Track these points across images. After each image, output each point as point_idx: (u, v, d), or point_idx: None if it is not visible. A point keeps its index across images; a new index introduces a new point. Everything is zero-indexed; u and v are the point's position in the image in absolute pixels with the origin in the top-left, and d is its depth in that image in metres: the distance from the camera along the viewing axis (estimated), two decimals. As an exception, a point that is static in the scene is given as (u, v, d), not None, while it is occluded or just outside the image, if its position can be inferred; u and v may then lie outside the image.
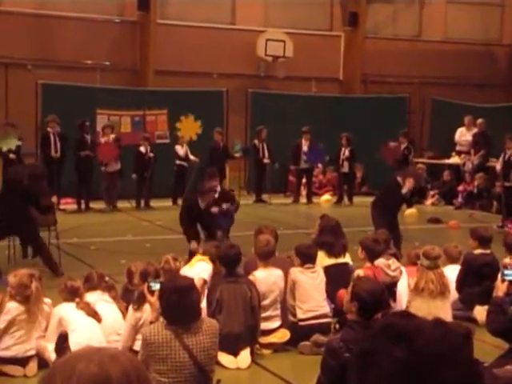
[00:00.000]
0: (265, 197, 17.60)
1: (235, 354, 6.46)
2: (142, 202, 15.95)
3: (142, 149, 15.92)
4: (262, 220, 14.25)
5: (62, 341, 6.08)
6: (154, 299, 5.81)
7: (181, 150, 16.54)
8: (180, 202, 13.70)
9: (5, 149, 14.45)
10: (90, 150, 15.28)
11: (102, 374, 1.35)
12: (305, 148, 17.58)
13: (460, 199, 17.48)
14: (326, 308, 7.11)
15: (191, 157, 16.53)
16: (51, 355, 6.15)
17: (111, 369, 1.36)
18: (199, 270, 7.18)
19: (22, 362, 6.14)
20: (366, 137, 18.05)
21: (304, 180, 17.97)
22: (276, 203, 17.23)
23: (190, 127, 12.23)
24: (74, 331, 6.15)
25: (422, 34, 23.00)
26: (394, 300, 7.35)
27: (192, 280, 5.36)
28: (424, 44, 22.39)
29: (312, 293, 7.04)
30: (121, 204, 15.70)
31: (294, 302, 7.04)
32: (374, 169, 18.35)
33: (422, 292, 7.03)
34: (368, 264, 7.27)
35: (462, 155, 18.50)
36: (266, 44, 20.11)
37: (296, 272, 7.10)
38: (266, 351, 6.79)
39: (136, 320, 6.09)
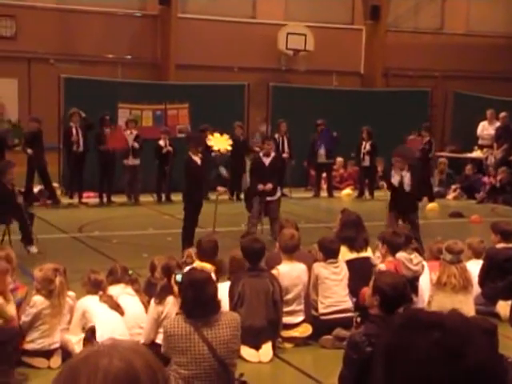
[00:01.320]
0: (285, 191, 17.58)
1: (257, 347, 6.47)
2: (163, 196, 16.00)
3: (162, 142, 15.97)
4: (283, 214, 14.21)
5: (91, 334, 6.13)
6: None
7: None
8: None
9: None
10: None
11: (128, 368, 1.35)
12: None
13: (482, 193, 17.36)
14: (348, 303, 7.10)
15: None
16: (75, 348, 6.21)
17: (135, 362, 1.36)
18: None
19: (47, 354, 6.20)
20: (387, 131, 17.95)
21: (324, 174, 17.92)
22: (297, 197, 17.21)
23: (220, 141, 12.41)
24: (97, 324, 6.20)
25: (444, 26, 22.84)
26: (416, 294, 7.32)
27: (209, 273, 5.39)
28: (446, 37, 22.24)
29: (335, 287, 7.03)
30: (142, 198, 15.78)
31: (317, 296, 7.04)
32: (395, 163, 18.26)
33: (445, 286, 7.00)
34: (390, 258, 7.25)
35: (485, 149, 18.36)
36: (287, 38, 20.07)
37: (319, 267, 7.10)
38: (288, 345, 6.80)
39: (158, 313, 6.12)
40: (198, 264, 6.81)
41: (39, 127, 14.78)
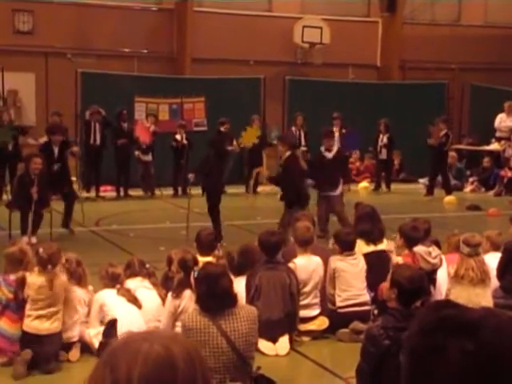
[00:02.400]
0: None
1: (274, 340, 6.48)
2: (179, 190, 16.05)
3: (178, 136, 16.02)
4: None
5: (111, 326, 6.17)
6: None
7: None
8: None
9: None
10: (127, 138, 15.43)
11: (167, 354, 1.36)
12: (336, 134, 17.46)
13: (500, 186, 17.25)
14: (365, 296, 7.09)
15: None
16: (93, 341, 6.25)
17: (174, 348, 1.37)
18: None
19: (66, 347, 6.24)
20: (404, 124, 17.89)
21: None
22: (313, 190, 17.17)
23: (251, 135, 12.42)
24: (115, 317, 6.23)
25: (461, 18, 22.65)
26: (434, 287, 7.29)
27: (223, 267, 5.40)
28: (463, 29, 22.06)
29: (352, 280, 7.02)
30: (158, 191, 15.84)
31: (334, 290, 7.03)
32: (411, 155, 18.20)
33: (462, 279, 6.97)
34: (406, 251, 7.23)
35: (502, 141, 18.22)
36: (303, 31, 20.01)
37: (336, 260, 7.09)
38: (305, 338, 6.81)
39: (175, 307, 6.13)
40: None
41: (60, 121, 14.96)
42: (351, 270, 7.05)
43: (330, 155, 11.62)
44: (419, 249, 7.23)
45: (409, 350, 1.48)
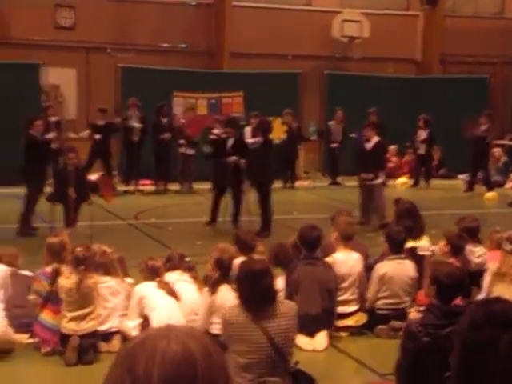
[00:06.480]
0: (339, 179, 17.51)
1: (311, 335, 6.48)
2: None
3: (216, 131, 16.02)
4: (337, 202, 14.20)
5: (147, 320, 6.23)
6: None
7: (249, 134, 16.47)
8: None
9: None
10: (167, 133, 15.51)
11: (185, 351, 1.35)
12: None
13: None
14: (405, 297, 6.97)
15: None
16: (132, 333, 6.31)
17: (192, 345, 1.36)
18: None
19: (106, 338, 6.32)
20: (444, 119, 17.69)
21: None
22: (350, 185, 17.10)
23: (277, 129, 12.47)
24: (155, 310, 6.27)
25: (504, 10, 22.30)
26: (480, 287, 7.13)
27: (266, 263, 5.39)
28: (507, 21, 21.70)
29: (398, 288, 6.85)
30: (197, 186, 15.89)
31: (377, 294, 6.92)
32: (452, 151, 17.99)
33: (504, 277, 6.85)
34: (451, 259, 7.07)
35: (545, 137, 17.92)
36: (342, 25, 19.90)
37: (384, 267, 6.88)
38: (343, 334, 6.79)
39: (211, 303, 6.15)
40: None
41: (104, 117, 15.22)
42: (398, 274, 6.88)
43: (369, 145, 11.70)
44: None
45: (459, 344, 1.49)
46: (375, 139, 11.94)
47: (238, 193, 11.55)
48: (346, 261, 6.89)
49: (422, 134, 17.18)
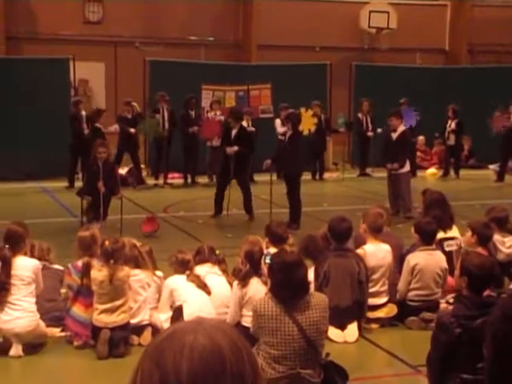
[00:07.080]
0: (368, 170, 17.44)
1: (342, 327, 6.48)
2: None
3: (244, 123, 16.00)
4: (366, 194, 14.17)
5: (178, 313, 6.27)
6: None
7: (280, 126, 16.47)
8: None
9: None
10: (195, 126, 15.53)
11: (213, 345, 1.35)
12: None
13: None
14: (436, 289, 6.94)
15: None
16: (163, 326, 6.36)
17: (220, 339, 1.36)
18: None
19: (137, 331, 6.38)
20: (473, 109, 17.51)
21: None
22: (379, 176, 17.02)
23: (307, 121, 12.41)
24: (185, 303, 6.31)
25: (533, -1, 22.02)
26: (511, 278, 7.07)
27: (298, 256, 5.39)
28: (536, 10, 21.44)
29: (427, 273, 6.85)
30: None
31: (408, 286, 6.89)
32: (481, 141, 17.83)
33: (535, 268, 6.82)
34: (479, 248, 7.02)
35: None
36: (370, 16, 19.80)
37: (415, 258, 6.85)
38: (374, 326, 6.79)
39: (241, 296, 6.16)
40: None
41: (131, 110, 15.33)
42: (430, 265, 6.83)
43: (395, 135, 11.81)
44: (494, 238, 7.05)
45: (491, 336, 1.49)
46: (401, 128, 11.92)
47: (243, 182, 11.77)
48: (376, 252, 6.87)
49: (452, 125, 17.03)
